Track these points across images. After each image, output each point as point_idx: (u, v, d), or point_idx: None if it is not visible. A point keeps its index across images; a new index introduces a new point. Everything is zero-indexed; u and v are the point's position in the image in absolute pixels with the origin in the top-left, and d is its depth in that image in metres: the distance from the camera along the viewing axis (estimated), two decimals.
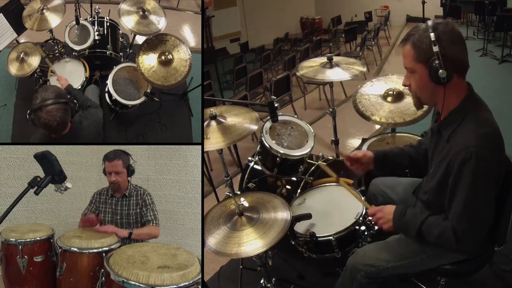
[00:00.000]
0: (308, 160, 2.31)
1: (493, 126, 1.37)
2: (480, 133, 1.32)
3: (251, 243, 1.59)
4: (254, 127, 2.06)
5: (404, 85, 1.49)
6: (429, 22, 1.35)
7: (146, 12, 2.83)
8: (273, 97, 2.06)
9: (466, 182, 1.32)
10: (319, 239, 1.88)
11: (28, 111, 1.93)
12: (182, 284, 1.48)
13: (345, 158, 1.84)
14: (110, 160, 2.15)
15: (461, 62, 1.37)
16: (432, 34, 1.32)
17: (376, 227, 1.90)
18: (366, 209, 1.82)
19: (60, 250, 1.78)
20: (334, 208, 2.07)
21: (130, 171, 2.22)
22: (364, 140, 2.53)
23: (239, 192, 2.39)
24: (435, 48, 1.31)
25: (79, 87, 2.80)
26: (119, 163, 2.15)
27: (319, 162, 2.40)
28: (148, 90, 2.83)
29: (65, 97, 1.99)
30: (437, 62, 1.32)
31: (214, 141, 2.00)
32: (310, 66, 2.63)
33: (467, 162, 1.30)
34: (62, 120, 1.94)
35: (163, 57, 2.71)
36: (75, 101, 2.41)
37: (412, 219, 1.49)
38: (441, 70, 1.32)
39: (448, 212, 1.42)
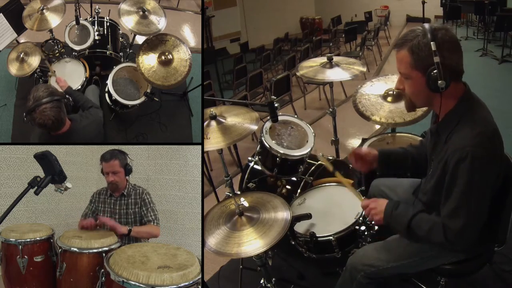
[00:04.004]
0: (308, 160, 2.31)
1: (490, 124, 1.36)
2: (476, 132, 1.31)
3: (251, 243, 1.59)
4: (254, 127, 2.06)
5: (397, 89, 1.48)
6: (426, 26, 1.32)
7: (146, 12, 2.83)
8: (273, 97, 2.07)
9: (461, 181, 1.32)
10: (319, 239, 1.89)
11: (24, 114, 1.95)
12: (182, 284, 1.48)
13: (350, 154, 1.83)
14: (106, 160, 2.15)
15: (459, 69, 1.36)
16: (432, 43, 1.28)
17: (376, 227, 1.90)
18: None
19: (60, 250, 1.78)
20: (334, 208, 2.07)
21: (128, 170, 2.22)
22: (364, 140, 2.53)
23: (239, 192, 2.39)
24: (436, 59, 1.28)
25: (79, 87, 2.80)
26: (116, 163, 2.15)
27: (319, 155, 2.39)
28: (148, 90, 2.83)
29: (58, 93, 2.00)
30: (436, 71, 1.30)
31: (214, 141, 2.00)
32: (310, 66, 2.63)
33: (462, 161, 1.30)
34: (56, 117, 1.96)
35: (163, 57, 2.71)
36: (70, 98, 2.42)
37: (403, 214, 1.49)
38: (440, 81, 1.30)
39: (442, 209, 1.41)
